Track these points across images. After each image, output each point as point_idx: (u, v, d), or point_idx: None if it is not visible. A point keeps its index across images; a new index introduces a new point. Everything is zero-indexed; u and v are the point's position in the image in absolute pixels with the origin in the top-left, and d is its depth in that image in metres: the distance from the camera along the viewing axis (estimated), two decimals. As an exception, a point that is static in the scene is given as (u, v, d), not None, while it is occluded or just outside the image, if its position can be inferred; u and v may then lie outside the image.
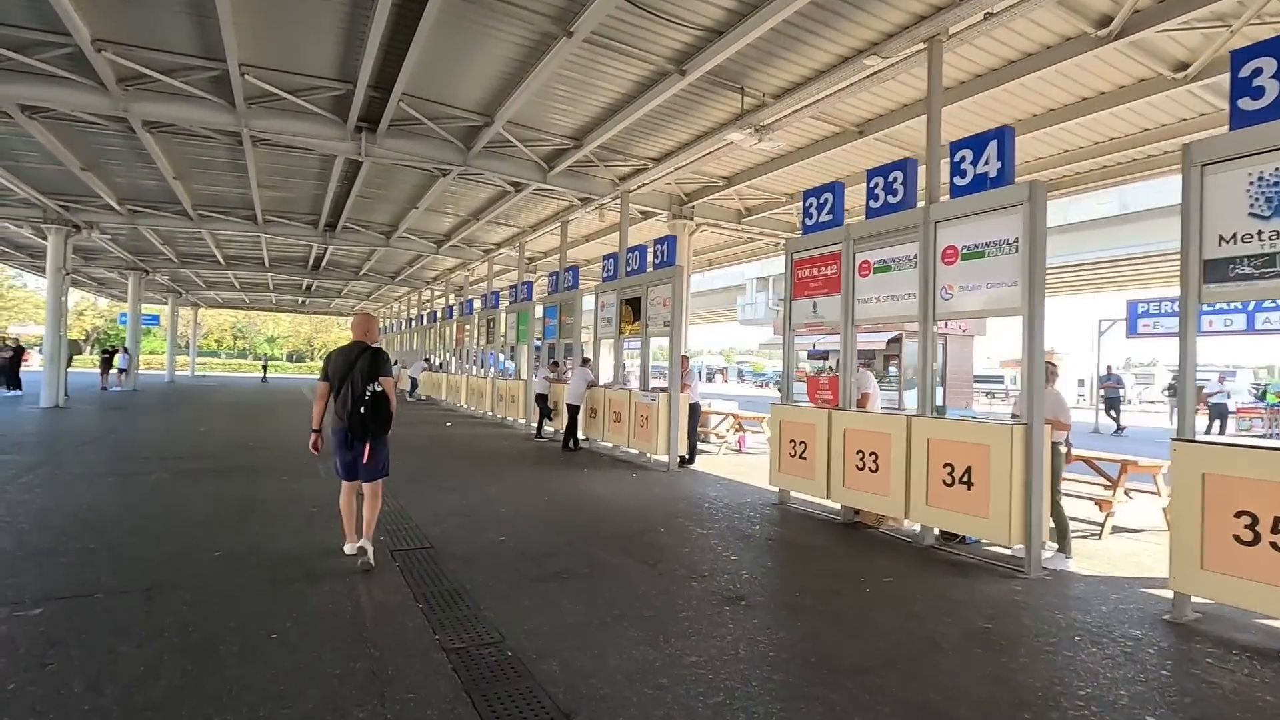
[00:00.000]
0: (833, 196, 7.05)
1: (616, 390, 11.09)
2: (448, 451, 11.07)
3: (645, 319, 10.45)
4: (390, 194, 14.78)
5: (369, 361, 4.69)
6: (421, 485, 7.92)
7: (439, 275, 26.59)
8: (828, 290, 6.97)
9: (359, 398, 4.61)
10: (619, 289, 11.32)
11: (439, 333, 25.26)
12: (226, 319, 63.44)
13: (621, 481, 8.68)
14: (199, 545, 5.10)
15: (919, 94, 8.28)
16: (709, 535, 5.97)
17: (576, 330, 13.04)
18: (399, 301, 36.62)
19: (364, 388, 4.63)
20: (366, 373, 4.66)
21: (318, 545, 5.20)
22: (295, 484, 7.65)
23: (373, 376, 4.68)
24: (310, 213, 16.90)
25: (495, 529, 5.95)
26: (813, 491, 6.90)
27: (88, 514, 5.93)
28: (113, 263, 24.19)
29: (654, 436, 9.74)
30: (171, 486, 7.31)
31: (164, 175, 12.91)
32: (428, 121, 9.89)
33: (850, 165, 10.96)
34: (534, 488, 8.04)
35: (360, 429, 4.63)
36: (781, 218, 14.64)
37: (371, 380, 4.67)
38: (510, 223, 16.82)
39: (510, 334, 16.91)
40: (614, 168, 11.88)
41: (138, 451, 9.80)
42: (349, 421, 4.62)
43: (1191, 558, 3.97)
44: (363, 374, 4.65)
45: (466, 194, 14.58)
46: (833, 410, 6.66)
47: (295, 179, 13.80)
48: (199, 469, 8.44)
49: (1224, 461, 3.88)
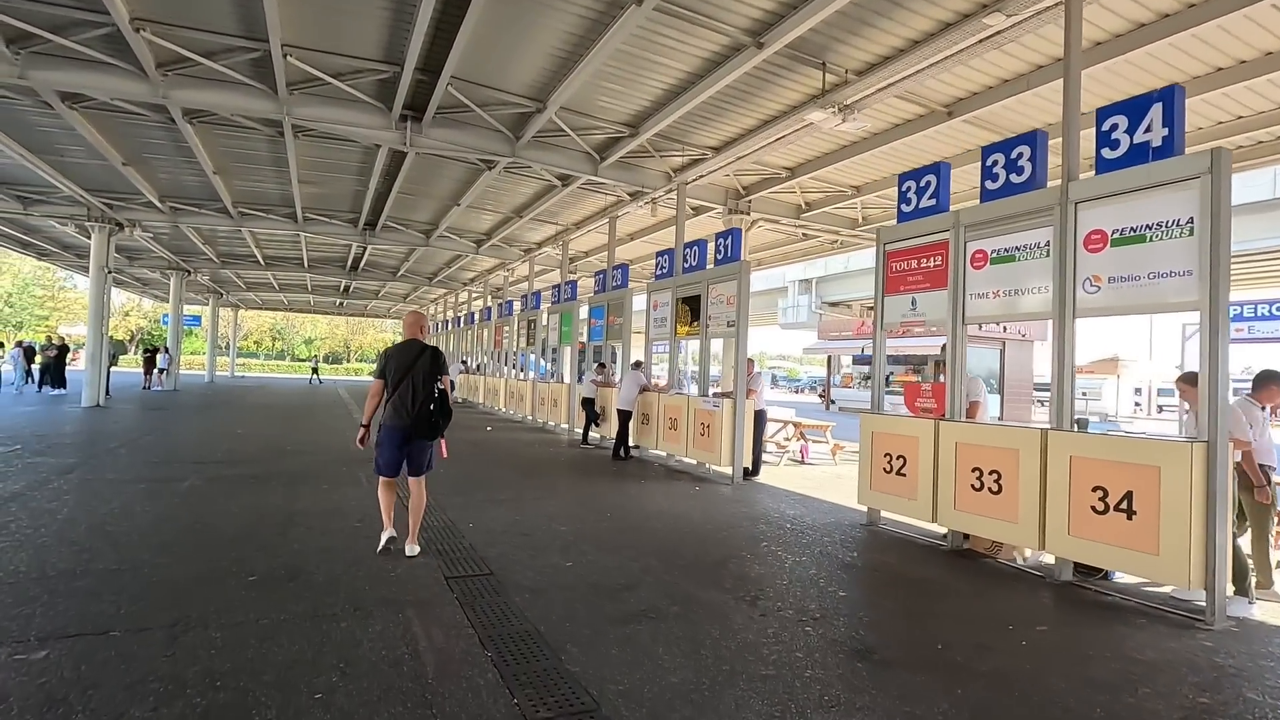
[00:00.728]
0: (936, 179, 6.22)
1: (673, 395, 10.36)
2: (492, 458, 10.45)
3: (705, 319, 9.69)
4: (432, 190, 14.30)
5: (431, 360, 4.75)
6: (470, 497, 7.28)
7: (476, 276, 26.20)
8: (930, 284, 6.14)
9: (428, 396, 4.68)
10: (675, 287, 10.59)
11: (476, 335, 24.84)
12: (265, 320, 64.40)
13: (685, 496, 7.93)
14: (232, 567, 4.49)
15: (1026, 65, 7.40)
16: (804, 563, 5.19)
17: (626, 331, 12.35)
18: (435, 303, 36.45)
19: (430, 386, 4.70)
20: (429, 371, 4.71)
21: (365, 569, 4.56)
22: (336, 493, 7.08)
23: (436, 375, 4.74)
24: (351, 211, 16.55)
25: (559, 552, 5.25)
26: (912, 513, 6.07)
27: (114, 527, 5.39)
28: (155, 263, 24.29)
29: (716, 446, 8.98)
30: (205, 495, 6.78)
31: (205, 170, 12.59)
32: (476, 108, 9.30)
33: (930, 152, 10.07)
34: (592, 502, 7.33)
35: (428, 427, 4.71)
36: (843, 213, 13.78)
37: (435, 379, 4.73)
38: (553, 220, 16.23)
39: (552, 335, 16.30)
40: (669, 158, 11.17)
41: (173, 455, 9.36)
42: (415, 419, 4.66)
43: None
44: (425, 372, 4.70)
45: (510, 189, 14.01)
46: (940, 421, 5.83)
47: (336, 174, 13.38)
48: (235, 475, 7.93)
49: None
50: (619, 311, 12.65)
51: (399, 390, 4.68)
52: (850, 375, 28.99)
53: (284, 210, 16.37)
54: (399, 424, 4.69)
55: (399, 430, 4.69)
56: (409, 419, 4.66)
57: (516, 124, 10.10)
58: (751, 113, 9.17)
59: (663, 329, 10.97)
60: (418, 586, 4.29)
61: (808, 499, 8.04)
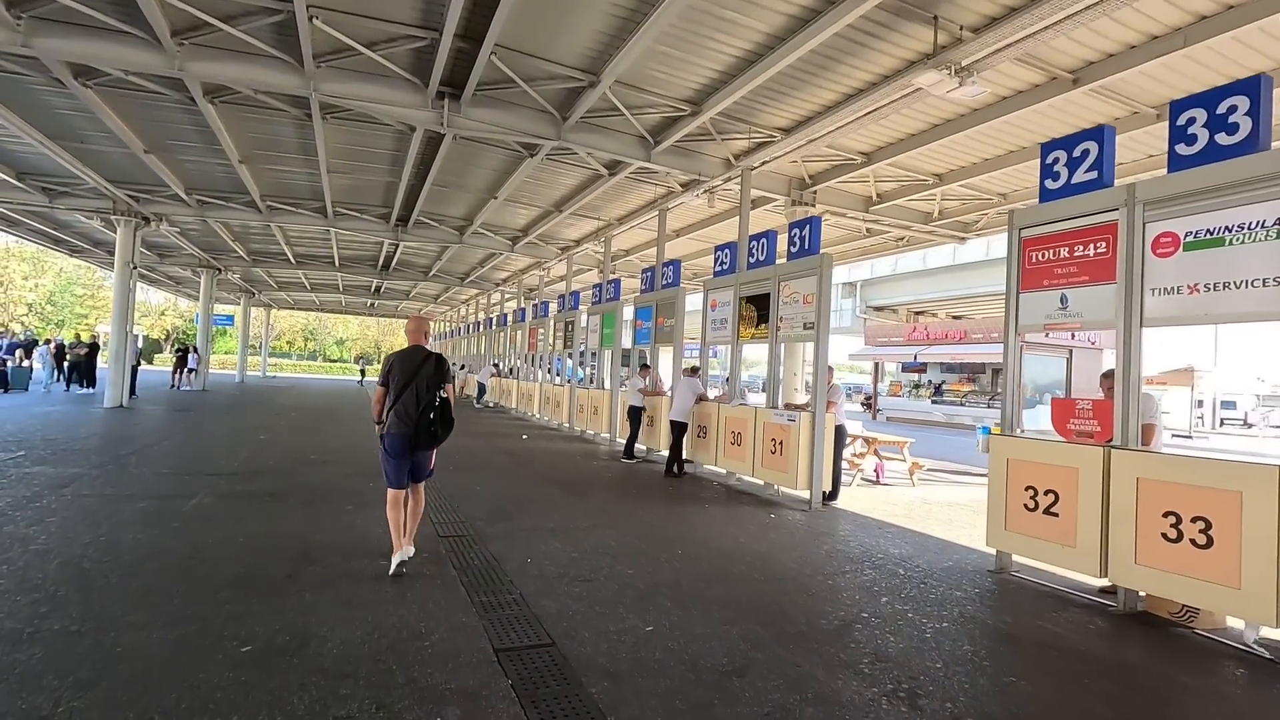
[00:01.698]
0: (1098, 146, 5.01)
1: (735, 406, 9.22)
2: (533, 472, 9.42)
3: (776, 320, 8.55)
4: (468, 181, 13.39)
5: (434, 368, 4.69)
6: (514, 522, 6.24)
7: (510, 276, 25.36)
8: (1088, 277, 4.93)
9: (430, 404, 4.62)
10: (738, 284, 9.46)
11: (509, 337, 23.97)
12: (298, 321, 64.73)
13: (761, 525, 6.80)
14: (224, 630, 3.49)
15: (1188, 14, 6.14)
16: (949, 632, 4.03)
17: (678, 334, 11.25)
18: (466, 304, 35.78)
19: (432, 394, 4.64)
20: (433, 379, 4.67)
21: (392, 635, 3.51)
22: (361, 517, 6.09)
23: (440, 382, 4.69)
24: (382, 205, 15.76)
25: (633, 608, 4.16)
26: (1068, 563, 4.86)
27: (93, 563, 4.44)
28: (186, 260, 23.90)
29: (791, 466, 7.81)
30: (210, 518, 5.84)
31: (230, 159, 11.84)
32: (521, 83, 8.31)
33: (1036, 130, 8.82)
34: (655, 533, 6.24)
35: (429, 436, 4.63)
36: (917, 206, 12.52)
37: (439, 386, 4.68)
38: (595, 215, 15.21)
39: (592, 338, 15.27)
40: (731, 142, 10.06)
41: (187, 464, 8.51)
42: (417, 428, 4.59)
43: None
44: (428, 380, 4.65)
45: (552, 180, 13.03)
46: (1110, 448, 4.61)
47: (367, 164, 12.54)
48: (249, 491, 7.01)
49: None
50: (669, 312, 11.56)
51: (402, 397, 4.59)
52: (899, 383, 27.49)
53: (313, 204, 15.64)
54: (403, 431, 4.59)
55: (403, 438, 4.59)
56: (412, 426, 4.58)
57: (564, 102, 9.09)
58: (834, 84, 8.01)
59: (722, 331, 9.84)
60: (460, 666, 3.24)
61: (906, 533, 6.83)
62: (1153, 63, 6.66)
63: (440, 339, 45.07)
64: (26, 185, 13.95)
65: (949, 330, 25.88)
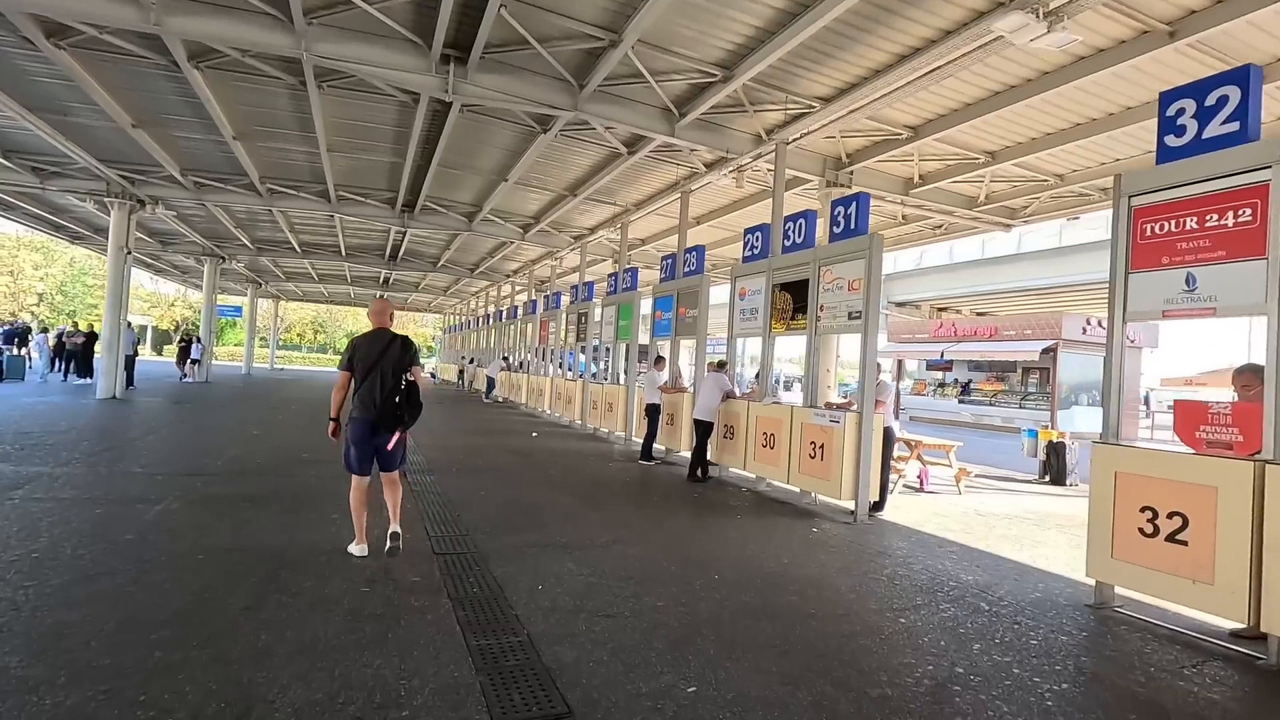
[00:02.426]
0: (1240, 91, 4.08)
1: (768, 405, 8.34)
2: (544, 476, 8.60)
3: (816, 310, 7.67)
4: (476, 161, 12.56)
5: (400, 350, 4.56)
6: (522, 536, 5.42)
7: (521, 267, 24.56)
8: (1225, 253, 4.02)
9: (394, 388, 4.49)
10: (771, 270, 8.58)
11: (520, 329, 23.18)
12: (308, 313, 64.33)
13: (805, 542, 5.94)
14: (144, 691, 2.68)
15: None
16: (1074, 699, 3.15)
17: (701, 326, 10.38)
18: (476, 297, 35.05)
19: (399, 377, 4.51)
20: (398, 362, 4.53)
21: (363, 691, 2.69)
22: (347, 528, 5.27)
23: (405, 366, 4.55)
24: (387, 189, 14.98)
25: (668, 657, 3.32)
26: (1201, 602, 3.96)
27: (10, 588, 3.66)
28: (189, 248, 23.26)
29: (834, 473, 6.94)
30: (173, 527, 5.06)
31: (223, 134, 11.07)
32: (534, 43, 7.47)
33: (1116, 95, 7.85)
34: (685, 550, 5.40)
35: (394, 419, 4.49)
36: (961, 188, 11.57)
37: (404, 369, 4.54)
38: (611, 200, 14.35)
39: (606, 331, 14.43)
40: (764, 113, 9.16)
41: (165, 462, 7.76)
42: (381, 412, 4.45)
43: None
44: (394, 363, 4.51)
45: (566, 160, 12.18)
46: (1262, 463, 3.71)
47: (369, 141, 11.73)
48: (227, 494, 6.23)
49: None
50: (692, 302, 10.69)
51: (367, 381, 4.47)
52: (924, 382, 26.44)
53: (315, 188, 14.88)
54: (366, 416, 4.46)
55: (365, 423, 4.47)
56: (375, 411, 4.44)
57: (581, 67, 8.25)
58: (890, 41, 7.08)
59: (752, 322, 8.97)
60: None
61: (972, 553, 5.94)
62: (1269, 9, 5.70)
63: (449, 332, 44.44)
64: (14, 164, 13.25)
65: (978, 327, 24.82)
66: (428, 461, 9.05)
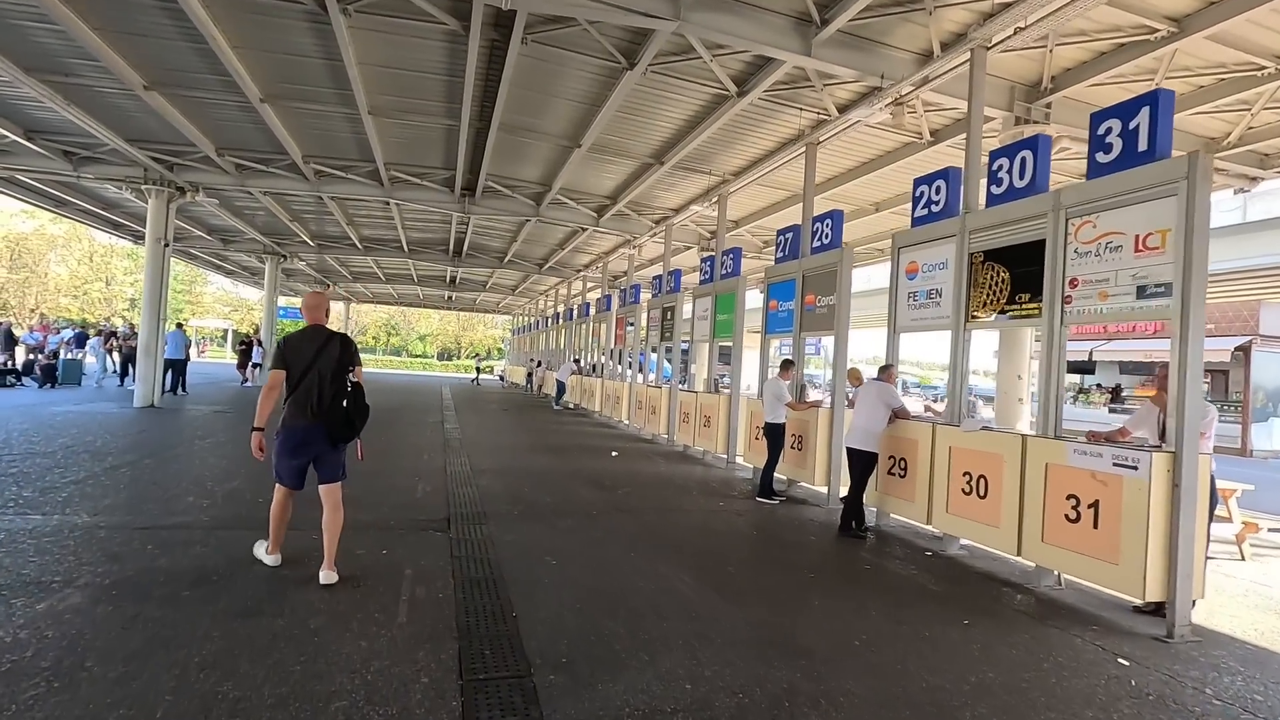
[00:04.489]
0: None
1: (974, 430, 5.61)
2: (639, 525, 6.17)
3: (1061, 285, 4.92)
4: (544, 122, 10.30)
5: (339, 349, 4.04)
6: (627, 678, 2.96)
7: (592, 261, 22.37)
8: None
9: (338, 392, 3.98)
10: (966, 232, 5.87)
11: (591, 329, 20.97)
12: (380, 315, 64.83)
13: (1112, 691, 3.25)
14: None
15: None
16: None
17: (842, 317, 7.71)
18: (544, 295, 33.24)
19: (341, 380, 4.00)
20: (339, 362, 4.00)
21: None
22: (324, 659, 2.99)
23: (347, 366, 4.05)
24: (444, 166, 13.01)
25: None
26: None
27: None
28: (250, 246, 22.23)
29: (1124, 551, 4.18)
30: (41, 649, 2.88)
31: (248, 96, 9.24)
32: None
33: None
34: (919, 708, 2.84)
35: (346, 428, 4.00)
36: (1203, 124, 8.42)
37: (346, 371, 4.04)
38: (704, 167, 11.83)
39: (700, 326, 11.92)
40: (948, 10, 6.46)
41: (134, 502, 5.78)
42: (328, 418, 3.96)
43: None
44: (334, 364, 3.98)
45: (652, 114, 9.75)
46: None
47: (416, 97, 9.65)
48: (168, 572, 4.08)
49: None
50: (826, 287, 8.04)
51: (303, 384, 3.91)
52: (1060, 386, 22.66)
53: (365, 167, 13.06)
54: (301, 424, 3.93)
55: (300, 430, 3.94)
56: (313, 418, 3.92)
57: (689, -52, 5.79)
58: None
59: (930, 309, 6.27)
60: None
61: None
62: None
63: (517, 334, 42.97)
64: (40, 146, 11.94)
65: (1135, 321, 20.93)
66: (481, 496, 6.81)
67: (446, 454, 9.73)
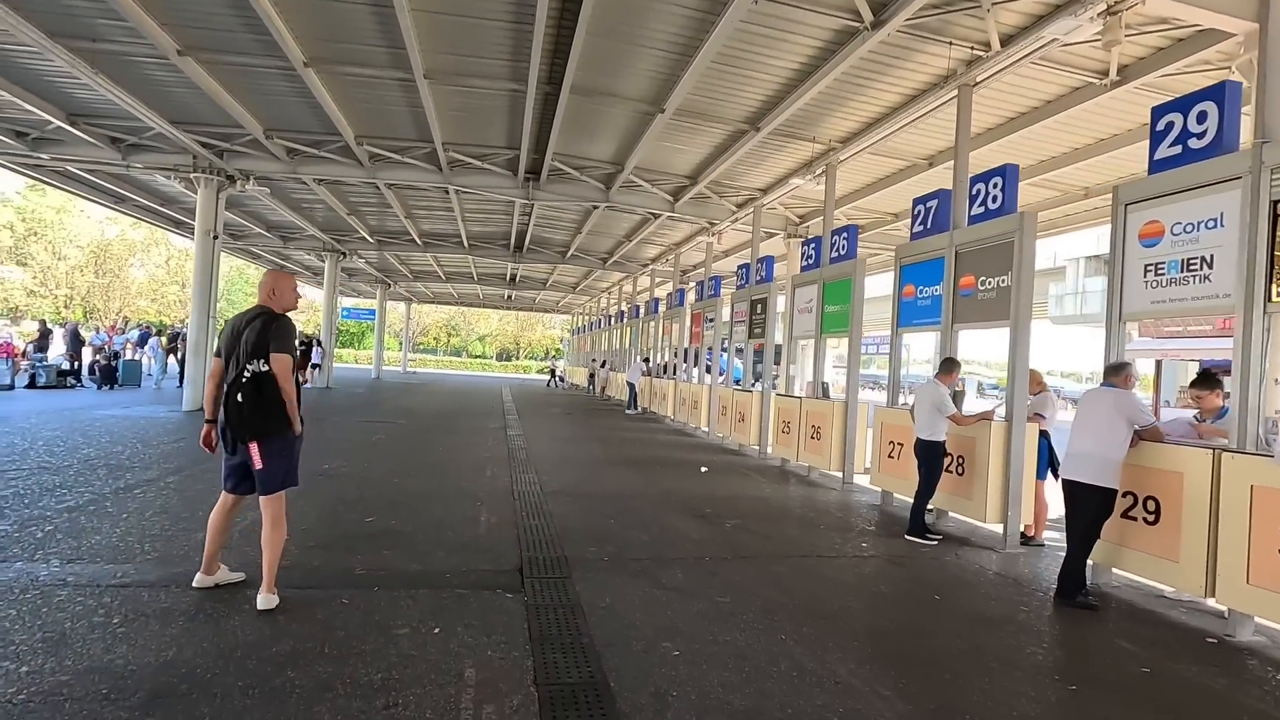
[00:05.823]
0: None
1: (1273, 459, 3.77)
2: (766, 577, 4.56)
3: None
4: (622, 81, 8.79)
5: (257, 331, 3.39)
6: None
7: (662, 253, 20.83)
8: None
9: (235, 380, 3.36)
10: (1264, 169, 4.02)
11: (662, 326, 19.43)
12: (442, 316, 65.04)
13: None
14: None
15: None
16: None
17: (1021, 302, 5.88)
18: (606, 293, 31.92)
19: (242, 366, 3.36)
20: (252, 345, 3.38)
21: None
22: None
23: (258, 352, 3.37)
24: (506, 146, 11.74)
25: None
26: None
27: None
28: (309, 244, 21.65)
29: None
30: None
31: (291, 61, 8.09)
32: None
33: None
34: None
35: (236, 423, 3.33)
36: None
37: (257, 356, 3.36)
38: (804, 132, 10.06)
39: (802, 320, 10.19)
40: None
41: (128, 544, 4.54)
42: (226, 413, 3.38)
43: None
44: (250, 347, 3.38)
45: (756, 63, 8.08)
46: None
47: (476, 53, 8.30)
48: (135, 668, 2.72)
49: None
50: (995, 265, 6.21)
51: (226, 372, 3.48)
52: (1197, 390, 19.74)
53: (421, 149, 11.90)
54: (222, 418, 3.45)
55: (222, 425, 3.48)
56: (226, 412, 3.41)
57: None
58: None
59: (1190, 288, 4.44)
60: None
61: None
62: None
63: (577, 334, 41.86)
64: (84, 132, 11.19)
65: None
66: (559, 531, 5.34)
67: (512, 468, 8.36)
